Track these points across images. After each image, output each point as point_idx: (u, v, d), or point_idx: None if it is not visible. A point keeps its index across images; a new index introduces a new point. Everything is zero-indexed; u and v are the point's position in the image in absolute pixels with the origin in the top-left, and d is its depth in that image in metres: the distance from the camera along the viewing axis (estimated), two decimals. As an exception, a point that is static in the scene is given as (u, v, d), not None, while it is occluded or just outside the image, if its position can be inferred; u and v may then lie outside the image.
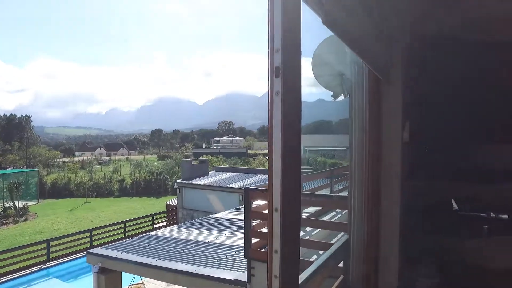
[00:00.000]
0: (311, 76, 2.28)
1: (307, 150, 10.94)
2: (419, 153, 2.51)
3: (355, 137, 1.98)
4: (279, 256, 0.96)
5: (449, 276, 2.44)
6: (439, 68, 2.34)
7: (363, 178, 2.00)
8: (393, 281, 2.11)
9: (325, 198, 3.90)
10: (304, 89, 1.03)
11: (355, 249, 2.02)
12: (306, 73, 2.30)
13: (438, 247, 2.81)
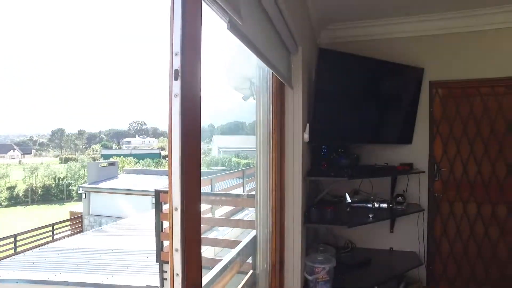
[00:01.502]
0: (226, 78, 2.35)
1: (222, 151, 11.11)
2: (318, 152, 2.78)
3: (261, 138, 2.10)
4: (180, 254, 0.98)
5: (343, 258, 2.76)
6: (335, 77, 2.62)
7: (268, 176, 2.14)
8: (296, 269, 2.29)
9: (235, 197, 4.04)
10: (218, 91, 1.07)
11: (261, 244, 2.14)
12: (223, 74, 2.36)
13: (334, 235, 3.16)
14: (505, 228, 3.06)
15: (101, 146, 70.49)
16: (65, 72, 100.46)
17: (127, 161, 35.67)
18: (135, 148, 65.82)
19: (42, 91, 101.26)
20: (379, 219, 2.64)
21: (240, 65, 2.32)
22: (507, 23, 2.93)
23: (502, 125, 3.06)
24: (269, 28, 1.69)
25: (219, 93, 5.36)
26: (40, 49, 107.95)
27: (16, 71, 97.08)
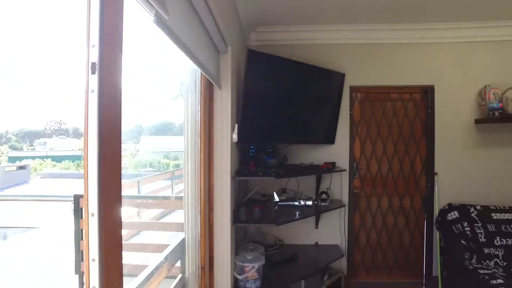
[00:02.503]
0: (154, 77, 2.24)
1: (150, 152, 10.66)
2: (247, 152, 2.82)
3: (189, 138, 2.06)
4: (98, 264, 0.91)
5: (272, 256, 2.84)
6: (264, 78, 2.68)
7: (196, 177, 2.10)
8: (226, 269, 2.29)
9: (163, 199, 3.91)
10: (147, 90, 1.01)
11: (190, 246, 2.10)
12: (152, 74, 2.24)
13: (263, 233, 3.23)
14: (408, 218, 3.46)
15: (9, 148, 62.46)
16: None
17: (43, 164, 32.06)
18: (53, 149, 59.66)
19: None
20: (305, 216, 2.77)
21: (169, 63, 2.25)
22: (413, 39, 3.34)
23: (407, 127, 3.44)
24: (198, 25, 1.66)
25: (148, 92, 5.05)
26: None
27: None
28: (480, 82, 3.32)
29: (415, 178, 3.46)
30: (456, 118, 3.35)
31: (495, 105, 3.15)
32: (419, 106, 3.45)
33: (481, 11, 2.96)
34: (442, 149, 3.36)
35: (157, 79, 2.62)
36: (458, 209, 3.12)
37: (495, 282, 2.51)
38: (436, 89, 3.35)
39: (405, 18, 3.11)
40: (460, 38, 3.32)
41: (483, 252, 2.94)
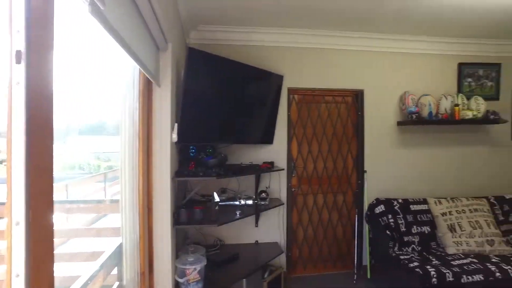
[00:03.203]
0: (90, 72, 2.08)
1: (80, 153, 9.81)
2: (186, 152, 2.77)
3: (126, 137, 1.95)
4: (24, 280, 0.81)
5: (213, 257, 2.82)
6: (204, 77, 2.65)
7: (134, 178, 2.00)
8: (167, 273, 2.22)
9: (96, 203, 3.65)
10: (79, 87, 0.93)
11: (128, 251, 1.99)
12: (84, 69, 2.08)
13: (203, 234, 3.20)
14: (341, 213, 3.70)
15: None
16: None
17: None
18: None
19: None
20: (245, 215, 2.80)
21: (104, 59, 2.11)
22: (352, 46, 3.60)
23: (340, 127, 3.68)
24: (137, 19, 1.59)
25: (80, 88, 4.63)
26: None
27: None
28: (401, 88, 3.70)
29: (347, 176, 3.72)
30: (382, 120, 3.68)
31: (412, 109, 3.52)
32: (350, 108, 3.71)
33: (405, 27, 3.30)
34: (370, 148, 3.66)
35: (90, 75, 2.44)
36: (384, 203, 3.42)
37: (412, 265, 2.81)
38: (366, 93, 3.64)
39: (340, 26, 3.33)
40: (387, 48, 3.67)
41: (403, 240, 3.27)
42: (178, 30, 2.71)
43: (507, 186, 4.04)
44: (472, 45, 3.82)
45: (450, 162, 3.88)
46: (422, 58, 3.77)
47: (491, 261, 2.93)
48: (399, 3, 2.78)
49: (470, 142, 3.92)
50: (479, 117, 3.63)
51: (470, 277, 2.69)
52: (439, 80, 3.81)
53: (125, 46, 1.37)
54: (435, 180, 3.83)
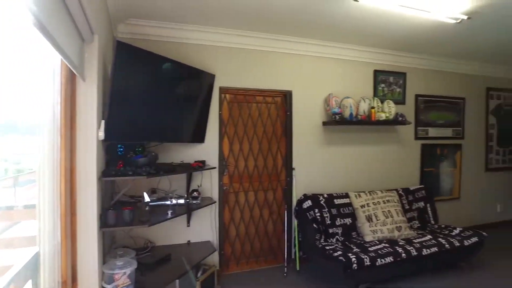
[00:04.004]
0: None
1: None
2: (113, 151, 2.62)
3: (44, 135, 1.78)
4: None
5: (144, 259, 2.71)
6: (133, 73, 2.53)
7: (55, 179, 1.83)
8: (93, 280, 2.07)
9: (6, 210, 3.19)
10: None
11: (46, 260, 1.81)
12: None
13: (133, 237, 3.05)
14: (272, 209, 3.85)
15: None
16: None
17: None
18: None
19: None
20: (177, 215, 2.74)
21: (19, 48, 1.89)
22: (282, 48, 3.77)
23: (270, 127, 3.83)
24: (60, 5, 1.46)
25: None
26: None
27: None
28: (326, 90, 3.99)
29: (277, 173, 3.87)
30: (309, 120, 3.92)
31: (336, 110, 3.82)
32: (280, 108, 3.88)
33: (330, 35, 3.56)
34: (298, 147, 3.87)
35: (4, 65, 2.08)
36: (311, 198, 3.65)
37: (336, 254, 3.06)
38: (294, 94, 3.84)
39: (270, 29, 3.46)
40: (314, 52, 3.92)
41: (329, 232, 3.53)
42: (106, 22, 2.55)
43: (411, 179, 4.62)
44: (385, 55, 4.30)
45: (368, 159, 4.30)
46: (344, 64, 4.12)
47: (399, 244, 3.33)
48: (324, 12, 3.00)
49: (383, 141, 4.40)
50: (391, 118, 4.09)
51: (383, 260, 3.02)
52: (359, 84, 4.21)
53: (44, 31, 1.22)
54: (355, 175, 4.22)
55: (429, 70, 4.71)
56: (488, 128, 5.37)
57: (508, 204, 5.60)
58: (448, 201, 4.94)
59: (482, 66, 5.09)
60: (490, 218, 5.37)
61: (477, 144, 5.25)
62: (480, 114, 5.28)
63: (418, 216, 4.10)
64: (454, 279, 3.43)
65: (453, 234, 3.70)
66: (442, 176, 4.92)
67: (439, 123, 4.85)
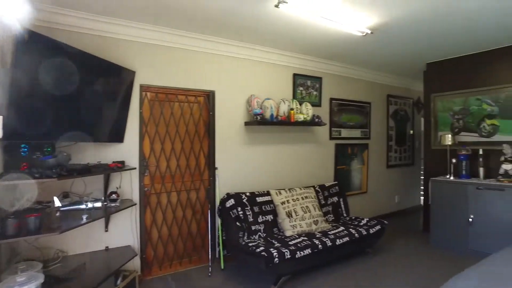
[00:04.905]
0: None
1: None
2: (15, 151, 2.33)
3: None
4: None
5: (53, 271, 2.46)
6: (41, 65, 2.27)
7: None
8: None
9: None
10: None
11: None
12: None
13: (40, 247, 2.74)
14: (195, 209, 3.82)
15: None
16: None
17: None
18: None
19: None
20: (93, 220, 2.55)
21: None
22: (206, 49, 3.76)
23: (193, 126, 3.79)
24: None
25: None
26: None
27: None
28: (248, 91, 4.10)
29: (200, 173, 3.85)
30: (232, 120, 3.98)
31: (257, 111, 3.95)
32: (203, 108, 3.86)
33: (252, 38, 3.67)
34: (221, 146, 3.90)
35: None
36: (233, 197, 3.71)
37: (259, 250, 3.16)
38: (217, 94, 3.86)
39: (194, 28, 3.42)
40: (238, 54, 4.01)
41: (251, 229, 3.63)
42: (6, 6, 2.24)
43: (327, 176, 5.02)
44: (304, 60, 4.59)
45: (288, 158, 4.53)
46: (266, 66, 4.28)
47: (316, 236, 3.58)
48: (247, 16, 3.09)
49: (302, 141, 4.68)
50: (308, 120, 4.38)
51: (302, 252, 3.22)
52: (279, 87, 4.41)
53: None
54: (276, 174, 4.41)
55: (342, 76, 5.17)
56: (388, 130, 6.11)
57: (403, 195, 6.45)
58: (358, 195, 5.48)
59: (383, 75, 5.79)
60: (390, 208, 6.13)
61: (380, 143, 5.93)
62: (382, 117, 5.98)
63: (332, 210, 4.47)
64: (363, 263, 3.83)
65: (361, 224, 4.12)
66: (353, 173, 5.44)
67: (350, 124, 5.35)
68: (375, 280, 3.41)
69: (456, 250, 4.16)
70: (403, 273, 3.56)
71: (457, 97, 4.70)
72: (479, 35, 3.76)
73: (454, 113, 4.74)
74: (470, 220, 4.05)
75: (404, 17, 3.15)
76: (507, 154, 3.98)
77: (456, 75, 4.71)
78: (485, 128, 4.41)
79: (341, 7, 2.93)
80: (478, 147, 4.35)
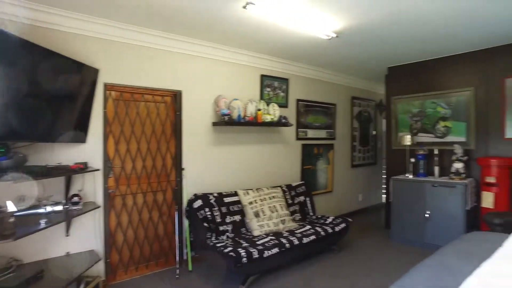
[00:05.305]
0: None
1: None
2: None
3: None
4: None
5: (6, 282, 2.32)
6: None
7: None
8: None
9: None
10: None
11: None
12: None
13: None
14: (162, 211, 3.75)
15: None
16: None
17: None
18: None
19: None
20: (53, 224, 2.44)
21: None
22: (173, 48, 3.71)
23: (160, 126, 3.73)
24: None
25: None
26: None
27: None
28: (216, 92, 4.09)
29: (166, 174, 3.79)
30: (199, 120, 3.96)
31: (225, 111, 3.95)
32: (169, 108, 3.80)
33: (219, 38, 3.66)
34: (188, 147, 3.86)
35: None
36: (201, 198, 3.69)
37: (227, 250, 3.17)
38: (184, 94, 3.82)
39: (159, 26, 3.36)
40: (206, 54, 3.99)
41: (219, 229, 3.63)
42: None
43: (293, 176, 5.11)
44: (271, 62, 4.65)
45: (255, 158, 4.57)
46: (234, 67, 4.29)
47: (283, 236, 3.64)
48: (215, 16, 3.08)
49: (269, 141, 4.74)
50: (275, 120, 4.44)
51: (269, 251, 3.27)
52: (247, 87, 4.44)
53: None
54: (244, 174, 4.43)
55: (308, 78, 5.29)
56: (353, 131, 6.33)
57: (367, 194, 6.71)
58: (324, 194, 5.63)
59: (348, 78, 5.99)
60: (354, 206, 6.35)
61: (345, 144, 6.13)
62: (347, 118, 6.19)
63: (299, 209, 4.56)
64: (328, 259, 3.95)
65: (327, 223, 4.24)
66: (319, 173, 5.58)
67: (316, 125, 5.48)
68: (340, 275, 3.52)
69: (414, 243, 4.40)
70: (366, 268, 3.71)
71: (415, 100, 4.97)
72: (433, 43, 4.01)
73: (412, 115, 5.01)
74: (427, 215, 4.29)
75: (367, 22, 3.29)
76: (458, 154, 4.27)
77: (414, 79, 4.98)
78: (440, 130, 4.70)
79: (308, 11, 3.00)
80: (434, 147, 4.63)
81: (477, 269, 1.81)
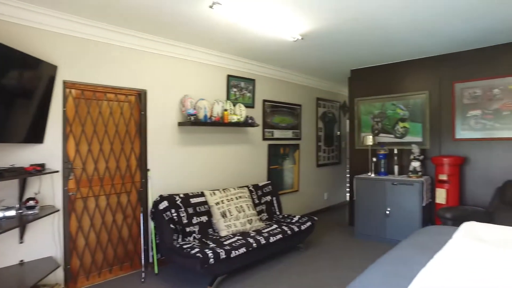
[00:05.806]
0: None
1: None
2: None
3: None
4: None
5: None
6: None
7: None
8: None
9: None
10: None
11: None
12: None
13: None
14: (126, 213, 3.64)
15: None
16: None
17: None
18: None
19: None
20: (4, 230, 2.29)
21: None
22: (137, 46, 3.61)
23: (123, 126, 3.61)
24: None
25: None
26: None
27: None
28: (182, 91, 4.04)
29: (131, 175, 3.68)
30: (165, 120, 3.88)
31: (191, 111, 3.90)
32: (134, 107, 3.70)
33: (184, 37, 3.61)
34: (153, 147, 3.78)
35: None
36: (167, 199, 3.62)
37: (194, 251, 3.13)
38: (149, 94, 3.73)
39: (125, 24, 3.26)
40: (171, 53, 3.92)
41: (186, 231, 3.59)
42: None
43: (260, 176, 5.15)
44: (238, 62, 4.66)
45: (222, 158, 4.56)
46: (200, 67, 4.25)
47: (250, 235, 3.66)
48: (180, 14, 3.05)
49: (235, 141, 4.75)
50: (242, 121, 4.45)
51: (237, 251, 3.27)
52: (213, 87, 4.42)
53: None
54: (210, 174, 4.41)
55: (274, 78, 5.36)
56: (318, 131, 6.49)
57: (331, 192, 6.91)
58: (290, 193, 5.72)
59: (313, 79, 6.14)
60: (319, 205, 6.51)
61: (310, 144, 6.27)
62: (312, 119, 6.34)
63: (266, 208, 4.60)
64: (295, 258, 4.02)
65: (293, 222, 4.31)
66: (285, 172, 5.66)
67: (282, 125, 5.57)
68: (307, 273, 3.60)
69: (377, 239, 4.60)
70: (332, 264, 3.82)
71: (376, 101, 5.19)
72: (393, 48, 4.21)
73: (374, 116, 5.23)
74: (387, 212, 4.50)
75: (330, 26, 3.39)
76: (415, 153, 4.53)
77: (375, 82, 5.21)
78: (399, 130, 4.95)
79: (275, 12, 3.05)
80: (394, 147, 4.87)
81: (431, 260, 1.95)
